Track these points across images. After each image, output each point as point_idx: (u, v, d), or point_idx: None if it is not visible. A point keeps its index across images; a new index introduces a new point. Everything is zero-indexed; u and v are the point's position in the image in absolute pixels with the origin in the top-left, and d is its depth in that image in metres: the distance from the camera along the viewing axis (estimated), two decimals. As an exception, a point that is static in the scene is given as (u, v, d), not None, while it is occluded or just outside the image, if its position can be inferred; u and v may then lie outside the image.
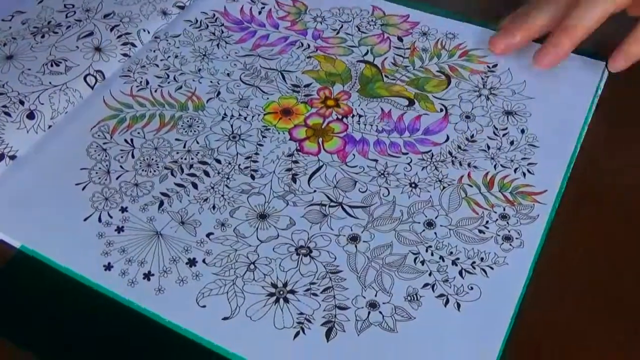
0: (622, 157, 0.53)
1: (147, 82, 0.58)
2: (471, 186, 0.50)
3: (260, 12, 0.65)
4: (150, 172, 0.52)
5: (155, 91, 0.58)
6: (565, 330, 0.43)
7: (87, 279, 0.45)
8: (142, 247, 0.47)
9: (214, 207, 0.49)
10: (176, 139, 0.54)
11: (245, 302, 0.44)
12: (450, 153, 0.52)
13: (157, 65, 0.60)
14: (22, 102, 0.54)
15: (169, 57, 0.60)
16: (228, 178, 0.51)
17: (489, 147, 0.52)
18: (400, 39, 0.62)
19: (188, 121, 0.55)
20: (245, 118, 0.55)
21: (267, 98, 0.57)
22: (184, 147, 0.53)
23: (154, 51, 0.61)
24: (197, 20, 0.64)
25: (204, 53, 0.61)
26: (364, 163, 0.52)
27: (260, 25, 0.64)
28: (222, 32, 0.63)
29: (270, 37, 0.63)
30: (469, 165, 0.51)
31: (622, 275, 0.46)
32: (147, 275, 0.45)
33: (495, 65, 0.59)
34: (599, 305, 0.44)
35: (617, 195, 0.50)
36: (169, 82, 0.58)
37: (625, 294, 0.45)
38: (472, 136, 0.53)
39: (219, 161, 0.52)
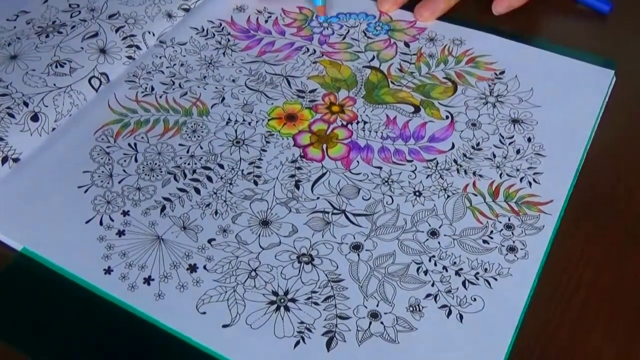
0: (629, 166, 0.52)
1: (152, 88, 0.58)
2: (476, 195, 0.49)
3: (266, 21, 0.65)
4: (153, 176, 0.51)
5: (160, 97, 0.57)
6: (569, 343, 0.42)
7: (86, 282, 0.45)
8: (142, 252, 0.47)
9: (216, 212, 0.49)
10: (180, 144, 0.54)
11: (246, 309, 0.44)
12: (455, 161, 0.52)
13: (163, 72, 0.59)
14: (26, 104, 0.54)
15: (174, 64, 0.60)
16: (231, 184, 0.51)
17: (494, 156, 0.52)
18: (406, 44, 0.62)
19: (192, 126, 0.55)
20: (249, 123, 0.55)
21: (272, 103, 0.57)
22: (188, 152, 0.53)
23: (160, 57, 0.60)
24: (203, 29, 0.64)
25: (209, 61, 0.60)
26: (368, 170, 0.51)
27: (267, 33, 0.63)
28: (229, 40, 0.63)
29: (276, 44, 0.62)
30: (474, 173, 0.51)
31: (628, 287, 0.45)
32: (147, 280, 0.45)
33: (502, 72, 0.58)
34: (604, 317, 0.43)
35: (624, 205, 0.50)
36: (174, 89, 0.58)
37: (630, 305, 0.44)
38: (477, 144, 0.53)
39: (222, 166, 0.52)
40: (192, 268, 0.46)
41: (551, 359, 0.42)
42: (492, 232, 0.47)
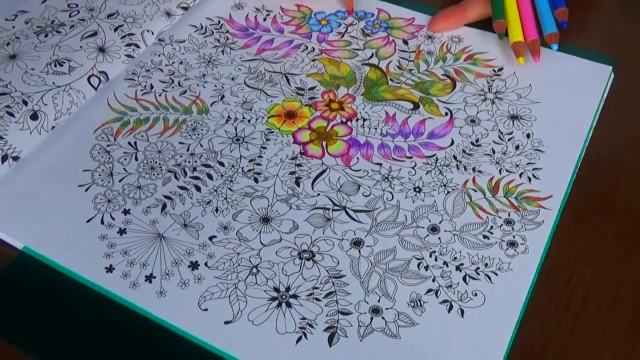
0: (627, 161, 0.53)
1: (152, 87, 0.58)
2: (476, 191, 0.50)
3: (265, 19, 0.65)
4: (154, 174, 0.51)
5: (160, 95, 0.57)
6: (570, 340, 0.42)
7: (88, 281, 0.45)
8: (144, 250, 0.47)
9: (217, 210, 0.49)
10: (180, 142, 0.54)
11: (248, 306, 0.44)
12: (454, 157, 0.52)
13: (162, 70, 0.59)
14: (25, 103, 0.54)
15: (173, 62, 0.60)
16: (231, 181, 0.51)
17: (494, 152, 0.52)
18: (405, 42, 0.62)
19: (192, 124, 0.55)
20: (249, 121, 0.55)
21: (271, 101, 0.57)
22: (188, 150, 0.53)
23: (159, 55, 0.61)
24: (202, 26, 0.64)
25: (208, 59, 0.60)
26: (368, 167, 0.51)
27: (265, 31, 0.63)
28: (227, 38, 0.63)
29: (275, 41, 0.62)
30: (473, 169, 0.51)
31: (628, 283, 0.45)
32: (149, 278, 0.45)
33: (500, 69, 0.58)
34: (604, 317, 0.44)
35: (623, 200, 0.50)
36: (173, 87, 0.58)
37: (630, 306, 0.44)
38: (477, 140, 0.53)
39: (222, 164, 0.52)
40: (194, 265, 0.46)
41: (551, 354, 0.42)
42: (492, 227, 0.47)
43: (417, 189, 0.50)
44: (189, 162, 0.52)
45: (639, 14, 0.64)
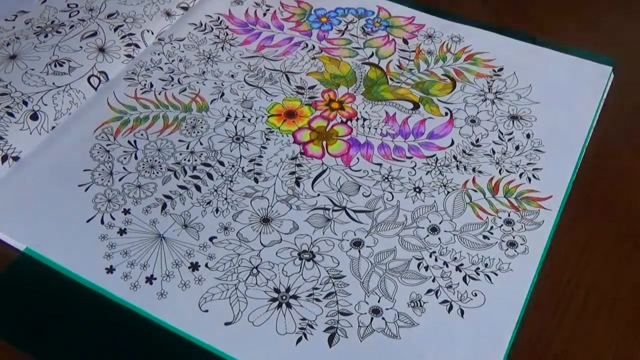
0: (627, 161, 0.53)
1: (152, 85, 0.58)
2: (476, 191, 0.50)
3: (265, 14, 0.65)
4: (154, 173, 0.51)
5: (159, 93, 0.57)
6: (570, 341, 0.43)
7: (89, 282, 0.45)
8: (144, 250, 0.47)
9: (217, 210, 0.49)
10: (179, 140, 0.54)
11: (248, 307, 0.44)
12: (455, 157, 0.52)
13: (162, 69, 0.59)
14: (25, 103, 0.54)
15: (173, 60, 0.60)
16: (231, 181, 0.51)
17: (494, 152, 0.52)
18: (405, 41, 0.62)
19: (192, 122, 0.55)
20: (249, 120, 0.55)
21: (271, 100, 0.57)
22: (187, 148, 0.53)
23: (158, 54, 0.60)
24: (201, 24, 0.64)
25: (208, 56, 0.60)
26: (368, 167, 0.52)
27: (265, 27, 0.63)
28: (227, 34, 0.62)
29: (275, 38, 0.62)
30: (473, 170, 0.51)
31: (628, 283, 0.45)
32: (150, 279, 0.45)
33: (501, 69, 0.58)
34: (604, 317, 0.44)
35: (623, 200, 0.50)
36: (172, 85, 0.58)
37: (630, 301, 0.44)
38: (477, 140, 0.53)
39: (222, 163, 0.52)
40: (194, 266, 0.46)
41: (551, 354, 0.42)
42: (492, 227, 0.47)
43: (417, 189, 0.50)
44: (188, 160, 0.52)
45: (639, 14, 0.64)
